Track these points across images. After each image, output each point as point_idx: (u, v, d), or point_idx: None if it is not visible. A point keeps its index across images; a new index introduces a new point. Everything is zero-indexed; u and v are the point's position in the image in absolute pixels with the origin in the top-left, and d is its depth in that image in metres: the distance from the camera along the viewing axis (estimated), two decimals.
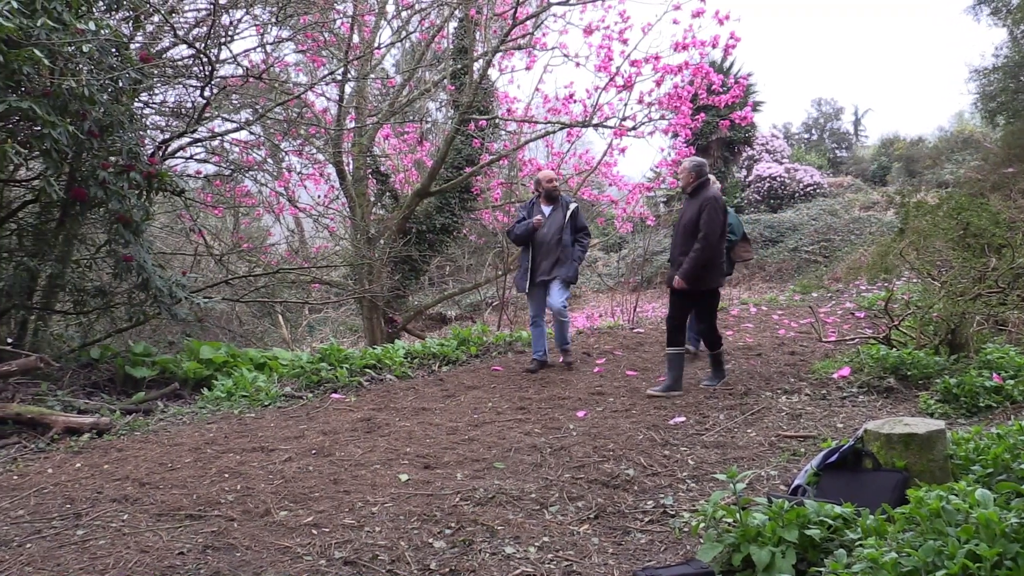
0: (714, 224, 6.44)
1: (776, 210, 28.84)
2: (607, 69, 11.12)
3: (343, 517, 3.92)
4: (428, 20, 13.27)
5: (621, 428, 5.52)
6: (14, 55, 5.92)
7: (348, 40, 11.91)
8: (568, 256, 7.86)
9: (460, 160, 14.10)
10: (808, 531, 2.87)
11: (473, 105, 12.11)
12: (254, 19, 10.21)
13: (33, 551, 3.60)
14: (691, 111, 11.73)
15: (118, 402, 6.98)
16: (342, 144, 12.88)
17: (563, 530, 3.70)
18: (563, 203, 8.01)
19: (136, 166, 7.15)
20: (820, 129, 45.78)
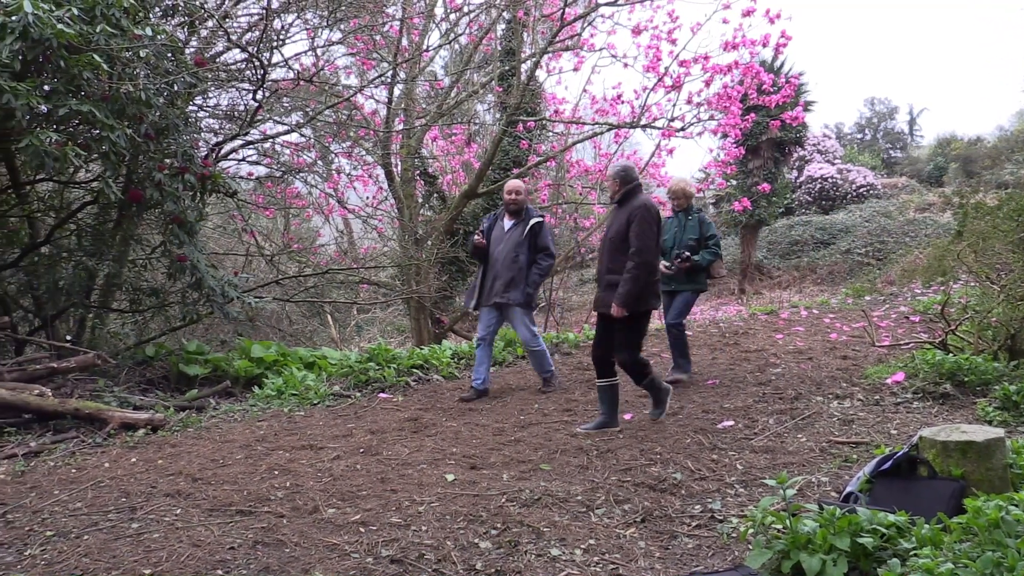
0: (647, 237, 5.52)
1: (828, 212, 28.36)
2: (655, 69, 11.04)
3: (390, 516, 3.95)
4: (476, 22, 13.31)
5: (668, 431, 5.47)
6: (75, 60, 6.09)
7: (397, 43, 12.00)
8: (522, 278, 7.05)
9: (507, 161, 14.12)
10: (860, 539, 2.81)
11: (521, 106, 12.11)
12: (305, 23, 10.36)
13: (90, 543, 3.69)
14: (741, 111, 11.58)
15: (172, 399, 7.13)
16: (391, 146, 12.98)
17: (609, 533, 3.68)
18: (526, 218, 7.19)
19: (190, 168, 7.30)
20: (873, 129, 44.90)
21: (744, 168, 23.64)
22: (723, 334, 10.37)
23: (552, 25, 11.62)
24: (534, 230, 7.12)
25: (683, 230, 7.36)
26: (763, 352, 8.67)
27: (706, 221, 7.41)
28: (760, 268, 25.30)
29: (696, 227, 7.33)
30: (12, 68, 5.75)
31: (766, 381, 7.06)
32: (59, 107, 6.09)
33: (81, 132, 6.71)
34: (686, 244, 7.26)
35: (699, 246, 7.26)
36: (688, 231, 7.33)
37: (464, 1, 12.52)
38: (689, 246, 7.24)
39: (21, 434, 5.88)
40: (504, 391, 7.29)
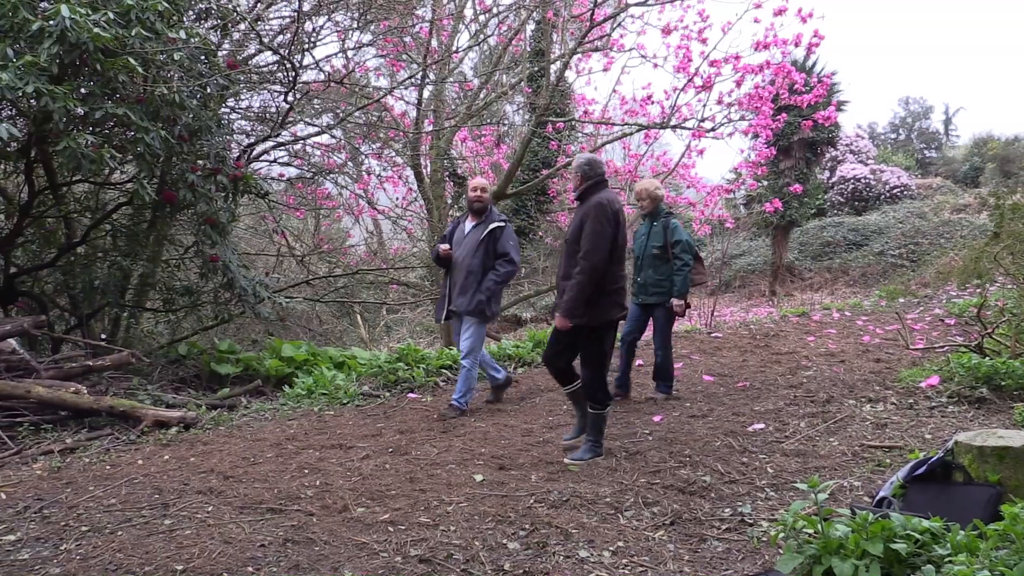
0: (598, 238, 4.81)
1: (861, 213, 28.00)
2: (686, 70, 10.96)
3: (419, 515, 3.96)
4: (506, 23, 13.32)
5: (698, 433, 5.44)
6: (110, 63, 6.18)
7: (427, 44, 12.04)
8: (474, 284, 6.48)
9: (536, 162, 14.11)
10: (894, 545, 2.77)
11: (550, 107, 12.09)
12: (336, 25, 10.45)
13: (124, 538, 3.74)
14: (772, 111, 11.46)
15: (204, 397, 7.21)
16: (420, 147, 13.03)
17: (638, 535, 3.66)
18: (487, 220, 6.62)
19: (223, 169, 7.39)
20: (908, 129, 44.24)
21: (775, 169, 23.42)
22: (753, 336, 10.28)
23: (581, 26, 11.58)
24: (494, 234, 6.54)
25: (648, 237, 6.71)
26: (794, 354, 8.59)
27: (673, 226, 6.61)
28: (791, 269, 25.05)
29: (660, 234, 6.62)
30: (50, 71, 5.85)
31: (797, 384, 6.99)
32: (95, 110, 6.19)
33: (116, 134, 6.81)
34: (650, 253, 6.64)
35: (664, 255, 6.58)
36: (653, 238, 6.67)
37: (493, 2, 12.54)
38: (653, 255, 6.61)
39: (57, 431, 5.98)
40: (533, 392, 7.28)
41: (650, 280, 6.63)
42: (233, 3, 8.43)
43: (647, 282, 6.65)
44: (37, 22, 5.75)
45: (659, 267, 6.59)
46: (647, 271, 6.65)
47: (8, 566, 3.48)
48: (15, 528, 3.97)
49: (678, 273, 6.49)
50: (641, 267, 6.74)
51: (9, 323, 6.98)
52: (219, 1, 8.07)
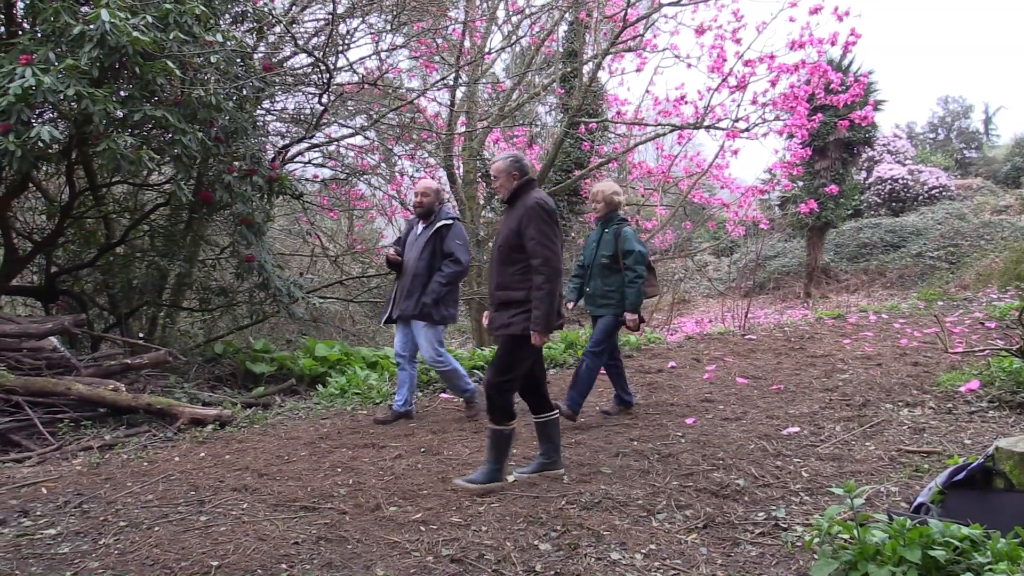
0: (550, 240, 4.43)
1: (898, 214, 27.59)
2: (719, 70, 10.89)
3: (450, 515, 3.97)
4: (538, 24, 13.33)
5: (731, 437, 5.39)
6: (149, 67, 6.28)
7: (460, 46, 12.09)
8: (419, 287, 6.22)
9: (569, 163, 14.10)
10: (932, 552, 2.72)
11: (582, 108, 12.08)
12: (369, 27, 10.51)
13: (161, 534, 3.80)
14: (808, 111, 11.35)
15: (239, 396, 7.30)
16: (453, 148, 13.08)
17: (670, 538, 3.64)
18: (435, 221, 6.36)
19: (258, 170, 7.47)
20: (947, 128, 43.49)
21: (811, 169, 23.16)
22: (788, 338, 10.17)
23: (614, 26, 11.56)
24: (440, 233, 6.27)
25: (599, 245, 6.14)
26: (830, 357, 8.48)
27: (625, 235, 5.99)
28: (827, 271, 24.76)
29: (611, 242, 6.03)
30: (90, 75, 5.95)
31: (833, 387, 6.90)
32: (134, 112, 6.29)
33: (155, 136, 6.92)
34: (599, 262, 6.07)
35: (614, 264, 6.00)
36: (603, 246, 6.08)
37: (526, 3, 12.55)
38: (602, 264, 6.04)
39: (97, 427, 6.08)
40: (564, 394, 7.26)
41: (598, 291, 6.09)
42: (269, 6, 8.52)
43: (595, 293, 6.11)
44: (78, 26, 5.86)
45: (608, 277, 6.02)
46: (595, 281, 6.10)
47: (48, 559, 3.55)
48: (56, 522, 4.04)
49: (630, 286, 5.89)
50: (590, 276, 6.20)
51: (50, 321, 7.12)
52: (255, 4, 8.16)
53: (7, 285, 8.22)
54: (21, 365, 6.42)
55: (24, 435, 5.82)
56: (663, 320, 16.14)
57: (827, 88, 11.29)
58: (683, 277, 22.87)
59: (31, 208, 9.72)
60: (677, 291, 20.08)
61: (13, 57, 5.90)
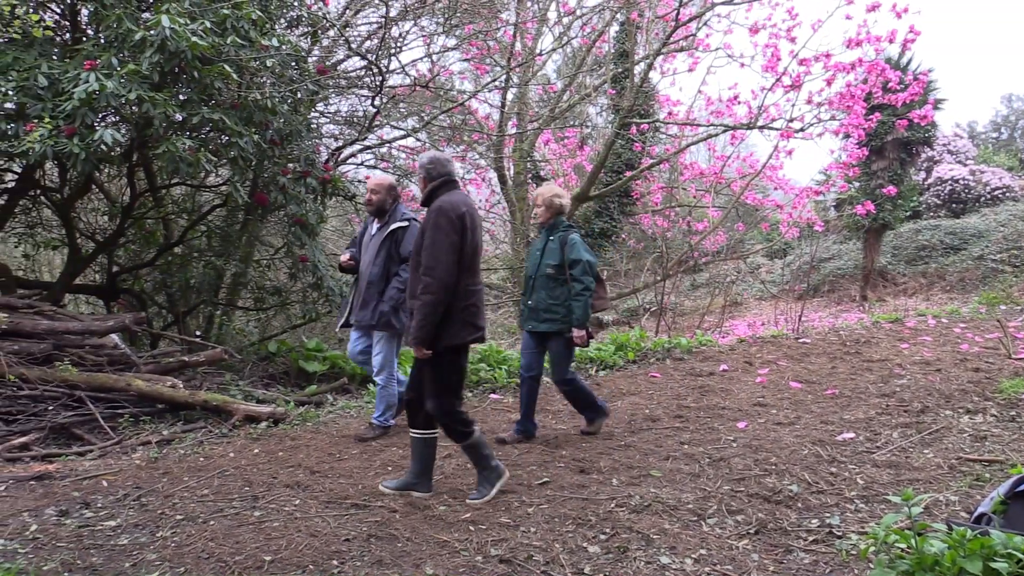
0: (439, 249, 4.11)
1: (959, 215, 26.84)
2: (774, 69, 10.74)
3: (499, 515, 3.98)
4: (589, 25, 13.30)
5: (784, 441, 5.30)
6: (207, 71, 6.42)
7: (511, 47, 12.11)
8: (375, 294, 5.79)
9: (620, 164, 14.04)
10: (993, 564, 2.64)
11: (634, 109, 12.01)
12: (421, 30, 10.61)
13: (216, 528, 3.88)
14: (865, 111, 11.13)
15: (292, 394, 7.41)
16: (503, 149, 13.12)
17: (721, 544, 3.60)
18: (390, 221, 5.90)
19: (312, 172, 7.58)
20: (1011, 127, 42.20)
21: (867, 170, 22.68)
22: (843, 342, 9.97)
23: (666, 26, 11.47)
24: (395, 236, 5.81)
25: (543, 254, 5.63)
26: (887, 362, 8.29)
27: (572, 243, 5.50)
28: (884, 274, 24.21)
29: (557, 251, 5.53)
30: (151, 79, 6.11)
31: (890, 392, 6.74)
32: (193, 115, 6.44)
33: (212, 139, 7.07)
34: (544, 273, 5.56)
35: (559, 275, 5.51)
36: (548, 255, 5.59)
37: (577, 4, 12.52)
38: (547, 275, 5.54)
39: (155, 423, 6.23)
40: (615, 395, 7.23)
41: (542, 304, 5.56)
42: (323, 10, 8.64)
43: (539, 306, 5.58)
44: (140, 32, 6.02)
45: (553, 289, 5.52)
46: (539, 293, 5.58)
47: (109, 551, 3.65)
48: (115, 514, 4.16)
49: (577, 299, 5.43)
50: (533, 288, 5.67)
51: (112, 319, 7.31)
52: (310, 9, 8.29)
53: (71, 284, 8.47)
54: (84, 361, 6.61)
55: (86, 429, 5.99)
56: (714, 322, 15.96)
57: (885, 87, 11.05)
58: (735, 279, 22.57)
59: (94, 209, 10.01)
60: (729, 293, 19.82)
61: (78, 62, 6.09)
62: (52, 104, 5.97)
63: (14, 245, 10.21)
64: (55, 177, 8.45)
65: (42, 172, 8.34)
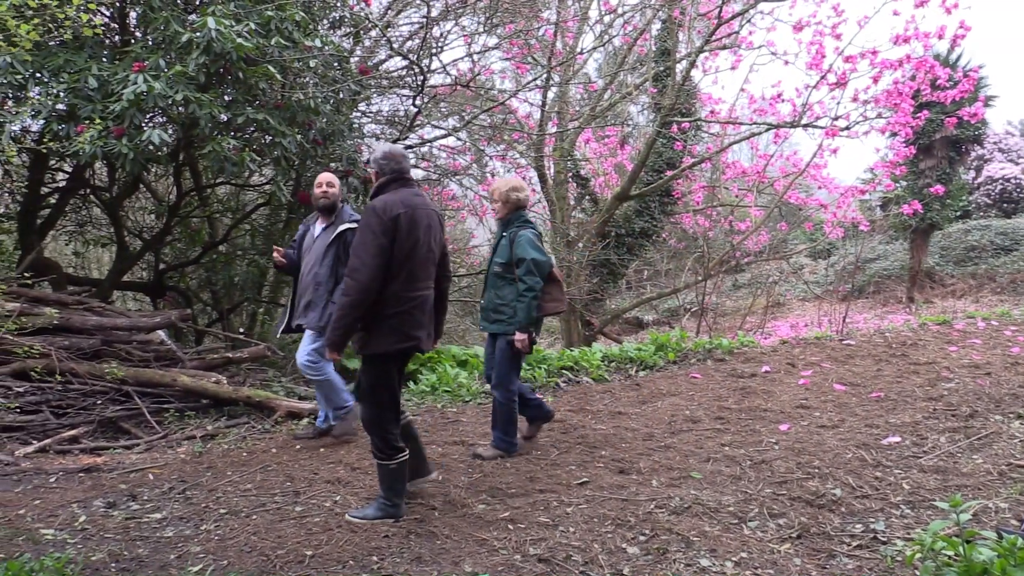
0: (365, 251, 3.88)
1: (1010, 215, 26.21)
2: (818, 66, 10.59)
3: (538, 515, 3.98)
4: (631, 23, 13.22)
5: (828, 445, 5.22)
6: (251, 72, 6.51)
7: (552, 46, 12.10)
8: (323, 297, 5.49)
9: (661, 163, 13.94)
10: None
11: (675, 107, 11.93)
12: (462, 29, 10.63)
13: (258, 522, 3.94)
14: (912, 108, 10.92)
15: None
16: (544, 148, 13.11)
17: (762, 547, 3.55)
18: (337, 222, 5.59)
19: (354, 171, 7.65)
20: None
21: (915, 169, 22.25)
22: (889, 344, 9.79)
23: (709, 24, 11.37)
24: (344, 237, 5.48)
25: (495, 251, 5.43)
26: (934, 365, 8.12)
27: (520, 240, 5.19)
28: (931, 275, 23.73)
29: (506, 248, 5.25)
30: (197, 80, 6.21)
31: (937, 396, 6.60)
32: (237, 115, 6.54)
33: (256, 139, 7.17)
34: (493, 271, 5.33)
35: (507, 274, 5.23)
36: (498, 253, 5.35)
37: (619, 3, 12.46)
38: (495, 273, 5.30)
39: (200, 418, 6.34)
40: (655, 396, 7.18)
41: (490, 304, 5.31)
42: (365, 11, 8.71)
43: (488, 306, 5.34)
44: (186, 34, 6.12)
45: (501, 288, 5.24)
46: (489, 292, 5.36)
47: (154, 542, 3.72)
48: (161, 507, 4.24)
49: (520, 300, 5.08)
50: (485, 287, 5.50)
51: (159, 315, 7.45)
52: (352, 9, 8.36)
53: (119, 281, 8.66)
54: (131, 357, 6.75)
55: (133, 423, 6.12)
56: (756, 323, 15.78)
57: (933, 84, 10.84)
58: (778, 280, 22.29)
59: (141, 208, 10.23)
60: (771, 294, 19.59)
61: (127, 64, 6.21)
62: (102, 105, 6.10)
63: (65, 243, 10.47)
64: (104, 177, 8.64)
65: (92, 172, 8.54)
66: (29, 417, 5.80)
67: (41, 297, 6.78)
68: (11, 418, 5.66)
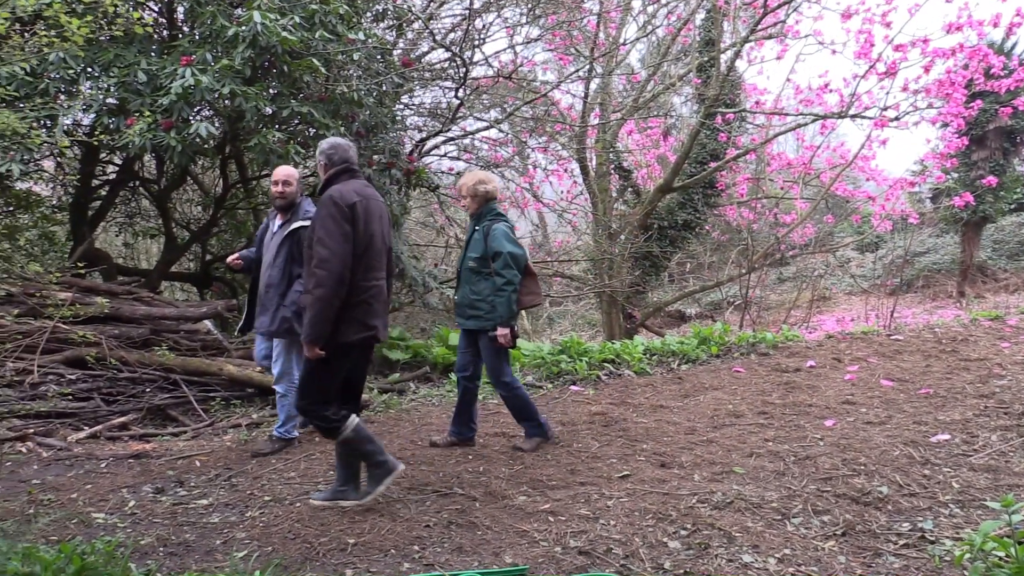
0: (332, 240, 3.85)
1: None
2: (867, 55, 10.39)
3: (579, 507, 3.97)
4: (675, 14, 13.10)
5: (875, 441, 5.13)
6: (296, 65, 6.58)
7: (594, 37, 12.03)
8: (275, 299, 5.23)
9: (704, 155, 13.80)
10: None
11: (719, 98, 11.78)
12: (504, 21, 10.61)
13: (302, 509, 3.99)
14: (965, 98, 10.66)
15: (376, 381, 7.54)
16: (586, 140, 13.05)
17: (806, 544, 3.50)
18: (293, 218, 5.34)
19: (397, 163, 7.69)
20: None
21: (967, 160, 21.71)
22: (939, 340, 9.59)
23: (754, 13, 11.21)
24: (297, 235, 5.21)
25: (468, 246, 5.33)
26: (986, 361, 7.93)
27: (495, 233, 5.11)
28: (983, 269, 23.18)
29: (480, 242, 5.17)
30: (243, 74, 6.29)
31: (989, 393, 6.44)
32: (282, 108, 6.61)
33: (300, 131, 7.25)
34: (467, 266, 5.24)
35: (482, 268, 5.15)
36: (472, 247, 5.26)
37: None
38: (470, 268, 5.21)
39: (245, 406, 6.44)
40: (697, 390, 7.13)
41: (465, 299, 5.23)
42: (408, 3, 8.74)
43: (463, 301, 5.25)
44: (232, 28, 6.20)
45: (476, 283, 5.16)
46: (463, 288, 5.28)
47: (201, 528, 3.79)
48: (207, 493, 4.32)
49: (499, 294, 5.02)
50: (459, 283, 5.41)
51: (205, 306, 7.58)
52: (395, 2, 8.39)
53: (167, 271, 8.82)
54: (179, 346, 6.88)
55: (180, 411, 6.24)
56: (801, 317, 15.57)
57: (987, 73, 10.57)
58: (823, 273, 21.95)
59: (188, 200, 10.40)
60: (817, 288, 19.30)
61: (175, 58, 6.32)
62: (151, 99, 6.21)
63: (115, 234, 10.70)
64: (153, 169, 8.80)
65: (141, 164, 8.70)
66: (81, 404, 5.95)
67: (92, 287, 6.95)
68: (64, 404, 5.81)
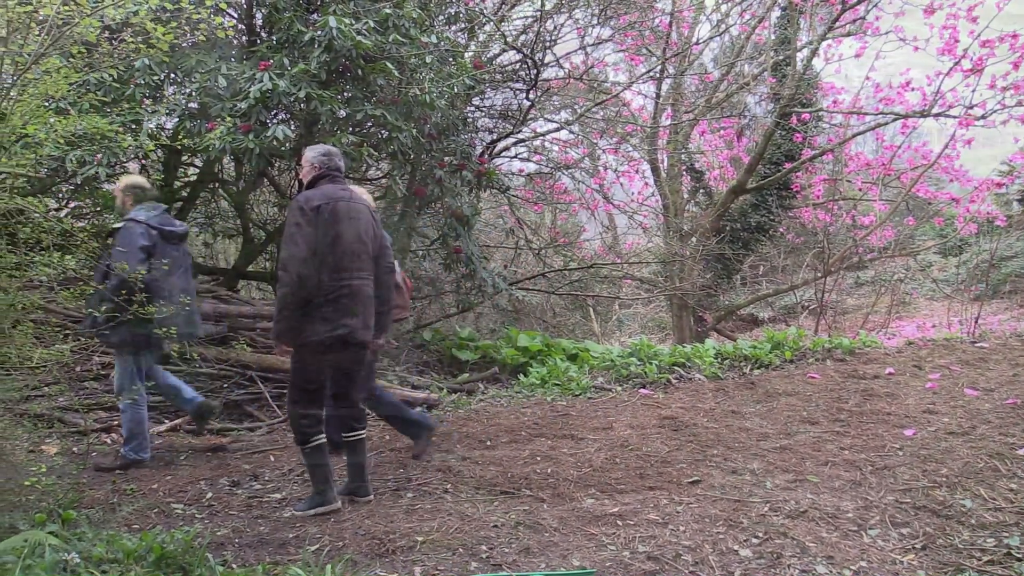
0: (294, 241, 3.95)
1: None
2: (952, 52, 10.04)
3: (648, 512, 3.93)
4: (749, 12, 12.87)
5: (957, 453, 4.94)
6: (370, 68, 6.68)
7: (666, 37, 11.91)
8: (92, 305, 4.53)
9: (779, 156, 13.53)
10: None
11: (795, 97, 11.54)
12: (575, 22, 10.59)
13: (371, 508, 4.05)
14: None
15: (444, 381, 7.62)
16: (657, 141, 12.92)
17: (883, 557, 3.40)
18: None
19: (468, 165, 7.74)
20: None
21: None
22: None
23: (832, 9, 10.94)
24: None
25: None
26: None
27: None
28: None
29: None
30: (319, 78, 6.41)
31: None
32: (356, 111, 6.72)
33: (373, 134, 7.35)
34: None
35: None
36: None
37: None
38: None
39: None
40: (770, 395, 6.98)
41: None
42: (480, 6, 8.79)
43: None
44: (308, 33, 6.33)
45: None
46: None
47: (274, 521, 3.88)
48: (280, 487, 4.42)
49: None
50: None
51: None
52: (467, 4, 8.45)
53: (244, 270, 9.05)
54: (255, 343, 7.05)
55: (256, 407, 6.40)
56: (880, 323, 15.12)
57: None
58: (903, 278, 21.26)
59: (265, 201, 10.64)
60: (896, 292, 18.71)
61: (253, 63, 6.48)
62: (230, 103, 6.38)
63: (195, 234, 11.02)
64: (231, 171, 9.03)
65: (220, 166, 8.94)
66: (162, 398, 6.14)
67: None
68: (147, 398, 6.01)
